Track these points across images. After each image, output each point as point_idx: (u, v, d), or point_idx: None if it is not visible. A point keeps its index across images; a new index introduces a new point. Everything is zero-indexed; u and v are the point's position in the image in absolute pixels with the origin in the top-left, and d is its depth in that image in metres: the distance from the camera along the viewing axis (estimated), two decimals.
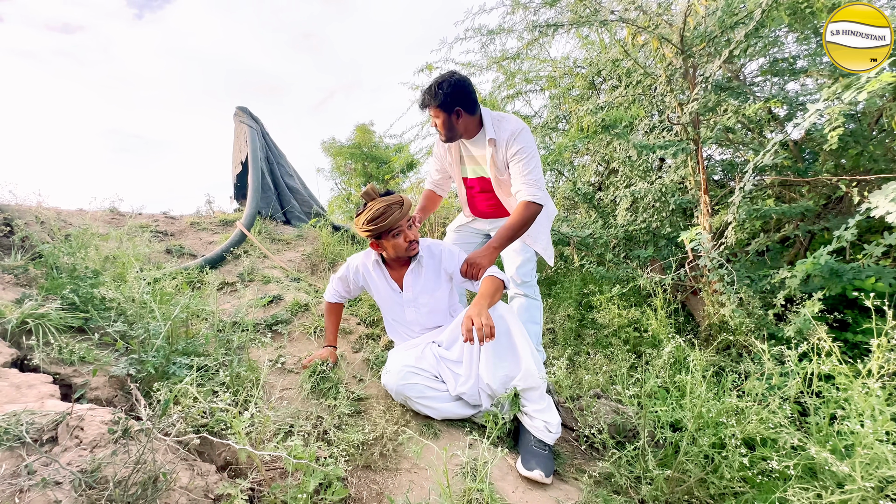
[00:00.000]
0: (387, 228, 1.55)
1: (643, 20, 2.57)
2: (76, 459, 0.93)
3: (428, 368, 1.60)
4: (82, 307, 1.66)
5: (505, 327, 1.49)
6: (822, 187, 2.68)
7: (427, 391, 1.55)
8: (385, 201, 1.55)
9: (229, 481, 1.09)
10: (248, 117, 4.51)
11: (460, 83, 1.74)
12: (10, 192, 2.85)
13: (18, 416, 0.98)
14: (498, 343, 1.47)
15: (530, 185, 1.75)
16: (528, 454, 1.41)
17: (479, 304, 1.43)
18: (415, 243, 1.63)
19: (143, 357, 1.40)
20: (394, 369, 1.58)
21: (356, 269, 1.79)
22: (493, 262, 1.67)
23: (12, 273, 1.93)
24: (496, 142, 1.81)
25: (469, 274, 1.64)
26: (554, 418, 1.46)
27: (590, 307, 2.68)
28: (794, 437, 1.14)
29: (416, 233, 1.65)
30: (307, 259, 3.43)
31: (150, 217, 4.00)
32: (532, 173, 1.76)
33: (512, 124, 1.82)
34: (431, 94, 1.75)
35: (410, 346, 1.74)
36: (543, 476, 1.34)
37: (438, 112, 1.77)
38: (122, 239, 2.83)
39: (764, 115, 2.93)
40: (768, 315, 2.03)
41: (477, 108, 1.80)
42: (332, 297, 1.85)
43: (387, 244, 1.61)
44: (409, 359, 1.62)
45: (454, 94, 1.74)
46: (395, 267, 1.73)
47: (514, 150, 1.78)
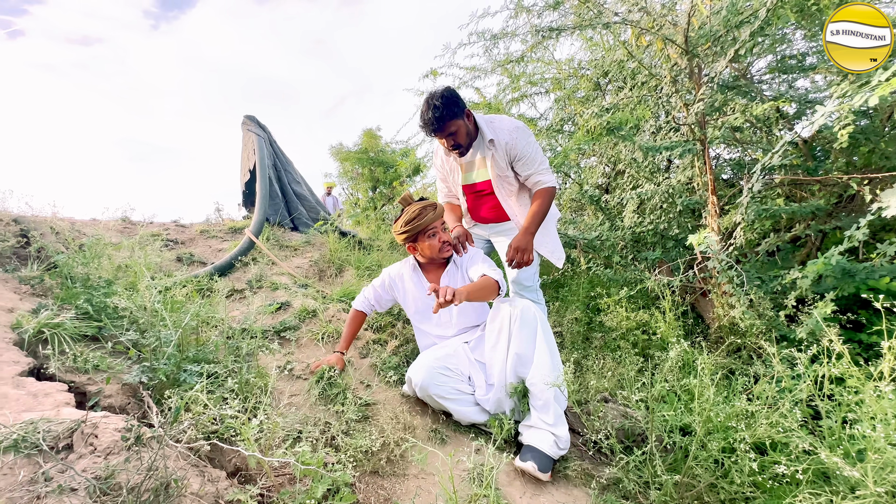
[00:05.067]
0: (422, 228, 1.68)
1: (647, 21, 2.57)
2: (91, 466, 0.95)
3: (459, 367, 1.63)
4: (96, 316, 1.70)
5: (533, 318, 1.53)
6: (833, 186, 2.63)
7: (452, 393, 1.56)
8: (420, 204, 1.70)
9: (239, 487, 1.11)
10: (256, 126, 4.59)
11: (453, 91, 1.78)
12: (26, 204, 2.93)
13: (35, 424, 1.00)
14: (523, 328, 1.52)
15: (543, 173, 1.88)
16: (525, 449, 1.42)
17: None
18: (448, 245, 1.74)
19: (154, 365, 1.43)
20: (423, 365, 1.59)
21: (390, 277, 1.88)
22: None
23: (29, 283, 1.98)
24: (495, 142, 1.84)
25: (519, 259, 1.75)
26: (564, 433, 1.44)
27: (597, 310, 2.66)
28: (806, 441, 1.12)
29: (450, 235, 1.78)
30: (315, 265, 3.46)
31: (160, 225, 4.08)
32: (542, 163, 1.88)
33: (506, 123, 1.86)
34: (440, 114, 1.72)
35: (444, 344, 1.76)
36: (536, 468, 1.33)
37: (457, 123, 1.77)
38: (133, 248, 2.88)
39: (773, 114, 2.89)
40: (779, 316, 2.00)
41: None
42: (359, 305, 1.91)
43: (422, 245, 1.72)
44: (439, 353, 1.64)
45: (458, 100, 1.77)
46: (431, 270, 1.82)
47: (519, 149, 1.83)
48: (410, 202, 1.73)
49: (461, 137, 1.80)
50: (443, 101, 1.72)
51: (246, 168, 4.60)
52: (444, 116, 1.73)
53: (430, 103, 1.73)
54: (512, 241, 1.77)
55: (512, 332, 1.53)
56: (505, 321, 1.56)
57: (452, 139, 1.79)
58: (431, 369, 1.55)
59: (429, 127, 1.76)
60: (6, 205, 2.82)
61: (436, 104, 1.72)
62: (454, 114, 1.74)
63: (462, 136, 1.80)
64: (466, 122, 1.80)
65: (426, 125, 1.76)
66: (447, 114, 1.73)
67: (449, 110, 1.73)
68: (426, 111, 1.74)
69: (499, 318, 1.58)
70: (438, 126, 1.75)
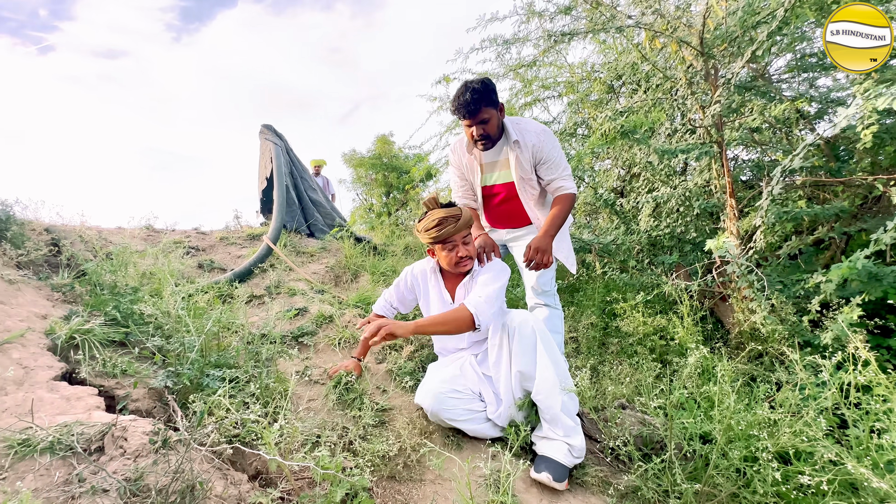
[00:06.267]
0: (440, 240, 1.59)
1: (661, 24, 2.55)
2: (121, 468, 0.99)
3: (468, 386, 1.57)
4: (123, 322, 1.76)
5: (531, 333, 1.47)
6: (857, 187, 2.56)
7: (464, 414, 1.52)
8: (442, 213, 1.58)
9: (260, 490, 1.14)
10: (273, 134, 4.69)
11: (492, 81, 1.75)
12: (57, 214, 3.06)
13: (70, 427, 1.05)
14: (522, 345, 1.47)
15: (566, 179, 1.86)
16: (539, 460, 1.40)
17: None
18: (467, 260, 1.63)
19: (179, 370, 1.48)
20: (430, 391, 1.53)
21: (412, 275, 1.81)
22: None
23: (61, 291, 2.06)
24: (521, 143, 1.82)
25: (539, 260, 1.68)
26: (577, 441, 1.41)
27: (613, 315, 2.64)
28: (831, 450, 1.09)
29: (472, 249, 1.65)
30: (331, 271, 3.51)
31: (182, 233, 4.20)
32: (566, 168, 1.87)
33: (533, 126, 1.84)
34: (479, 96, 1.70)
35: (453, 359, 1.71)
36: (551, 479, 1.31)
37: (490, 112, 1.74)
38: (157, 256, 2.97)
39: (792, 115, 2.83)
40: (803, 322, 1.95)
41: None
42: (378, 308, 1.87)
43: (440, 254, 1.65)
44: (446, 375, 1.58)
45: (495, 91, 1.75)
46: (451, 277, 1.75)
47: (546, 152, 1.82)
48: (434, 206, 1.62)
49: (491, 128, 1.77)
50: (482, 86, 1.70)
51: (263, 176, 4.71)
52: (481, 100, 1.70)
53: (468, 86, 1.70)
54: (531, 241, 1.72)
55: (512, 349, 1.48)
56: (504, 338, 1.51)
57: (482, 128, 1.76)
58: (439, 394, 1.51)
59: (462, 109, 1.72)
60: (39, 214, 2.95)
61: (474, 87, 1.70)
62: (491, 101, 1.73)
63: (492, 128, 1.77)
64: (499, 115, 1.79)
65: (460, 107, 1.72)
66: (484, 99, 1.70)
67: (486, 97, 1.71)
68: (463, 93, 1.71)
69: (497, 335, 1.54)
70: (474, 109, 1.70)
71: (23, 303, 1.79)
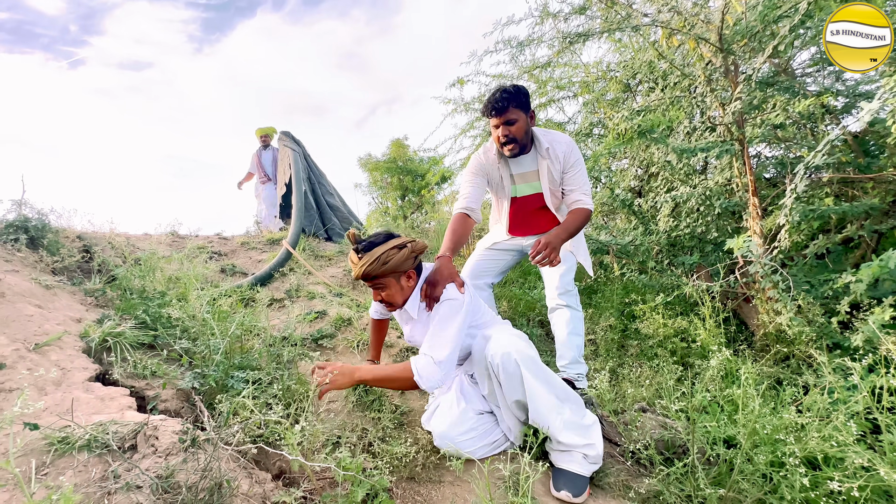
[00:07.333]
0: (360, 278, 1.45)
1: (678, 21, 2.51)
2: (153, 466, 1.03)
3: (477, 408, 1.49)
4: (152, 325, 1.83)
5: (514, 368, 1.36)
6: (888, 183, 2.47)
7: (483, 449, 1.44)
8: (352, 257, 1.44)
9: (284, 489, 1.17)
10: (291, 141, 4.79)
11: (527, 90, 1.76)
12: (88, 222, 3.19)
13: (105, 425, 1.10)
14: (508, 381, 1.38)
15: (587, 194, 1.86)
16: (557, 474, 1.36)
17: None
18: (388, 305, 1.51)
19: (205, 371, 1.53)
20: (441, 435, 1.41)
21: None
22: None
23: (93, 295, 2.15)
24: (551, 150, 1.82)
25: (546, 255, 1.59)
26: (592, 449, 1.36)
27: (632, 317, 2.60)
28: (863, 456, 1.06)
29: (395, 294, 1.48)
30: (348, 274, 3.56)
31: (205, 238, 4.32)
32: (587, 184, 1.87)
33: (562, 136, 1.86)
34: (509, 96, 1.72)
35: (450, 390, 1.55)
36: (571, 496, 1.28)
37: (519, 113, 1.75)
38: (182, 261, 3.07)
39: (817, 110, 2.75)
40: (831, 323, 1.89)
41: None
42: (373, 313, 1.90)
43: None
44: (453, 418, 1.44)
45: (528, 97, 1.76)
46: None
47: (573, 161, 1.83)
48: (354, 242, 1.45)
49: (518, 131, 1.76)
50: (514, 88, 1.74)
51: (282, 182, 4.81)
52: (511, 100, 1.72)
53: (501, 86, 1.75)
54: (543, 236, 1.65)
55: (501, 383, 1.40)
56: (491, 372, 1.41)
57: (508, 129, 1.75)
58: (458, 442, 1.39)
59: (490, 105, 1.74)
60: (71, 222, 3.08)
61: (507, 88, 1.74)
62: (520, 103, 1.74)
63: (519, 131, 1.76)
64: (528, 121, 1.80)
65: (488, 104, 1.75)
66: (514, 100, 1.72)
67: (517, 98, 1.73)
68: (495, 92, 1.74)
69: (482, 366, 1.44)
70: (502, 106, 1.72)
71: (59, 307, 1.87)
